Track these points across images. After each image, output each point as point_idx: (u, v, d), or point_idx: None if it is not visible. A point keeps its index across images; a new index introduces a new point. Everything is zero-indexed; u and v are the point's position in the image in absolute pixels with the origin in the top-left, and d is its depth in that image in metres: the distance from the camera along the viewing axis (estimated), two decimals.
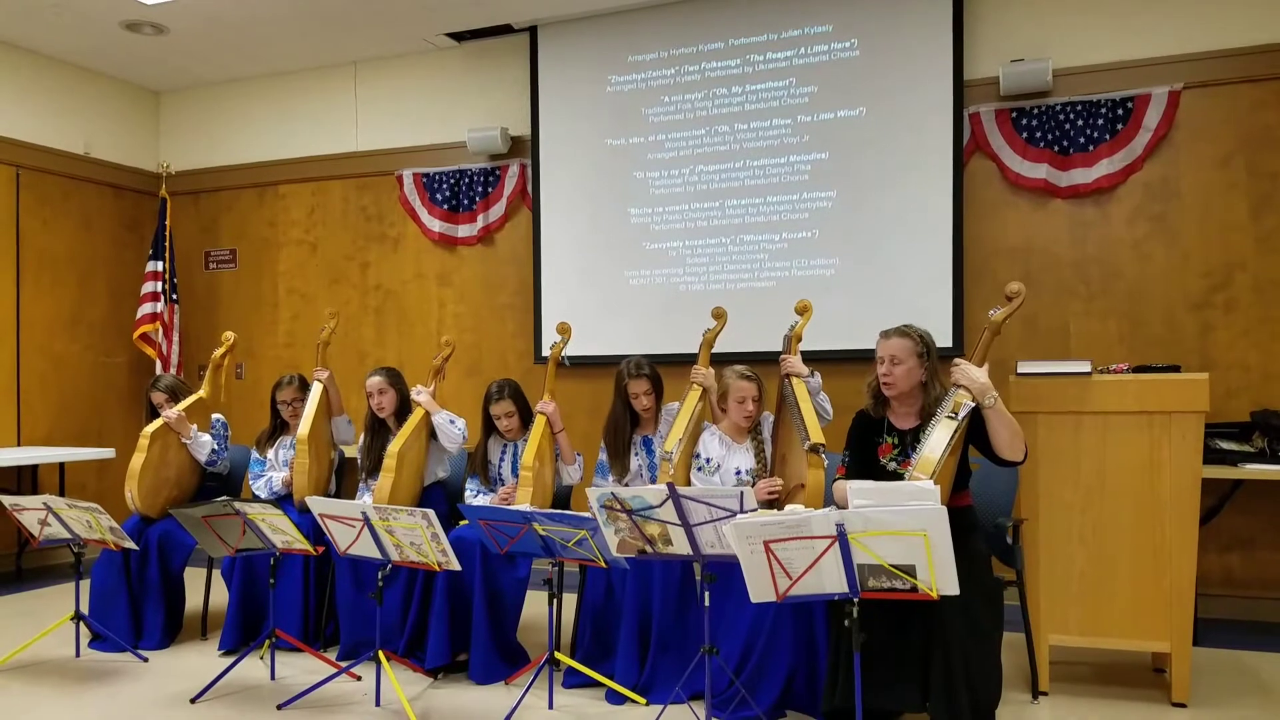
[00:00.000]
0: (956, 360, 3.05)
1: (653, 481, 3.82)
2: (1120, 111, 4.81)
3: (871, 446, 3.16)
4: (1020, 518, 3.55)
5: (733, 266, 5.49)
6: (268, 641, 3.79)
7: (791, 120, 5.38)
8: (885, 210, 5.18)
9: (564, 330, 4.17)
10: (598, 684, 3.52)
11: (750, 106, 5.46)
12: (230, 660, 3.79)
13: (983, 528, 3.32)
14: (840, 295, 5.22)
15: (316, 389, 4.47)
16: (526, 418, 4.14)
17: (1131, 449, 3.37)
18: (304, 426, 4.33)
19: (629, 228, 5.71)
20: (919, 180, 5.10)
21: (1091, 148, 4.86)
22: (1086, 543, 3.42)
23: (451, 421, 4.16)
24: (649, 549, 3.02)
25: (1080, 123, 4.87)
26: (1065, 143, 4.91)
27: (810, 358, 3.73)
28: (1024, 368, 3.50)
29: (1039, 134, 4.95)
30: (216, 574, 4.37)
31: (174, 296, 6.62)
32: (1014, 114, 4.99)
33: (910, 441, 3.08)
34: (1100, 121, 4.83)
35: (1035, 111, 4.95)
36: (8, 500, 3.98)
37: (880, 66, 5.20)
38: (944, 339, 4.97)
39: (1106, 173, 4.84)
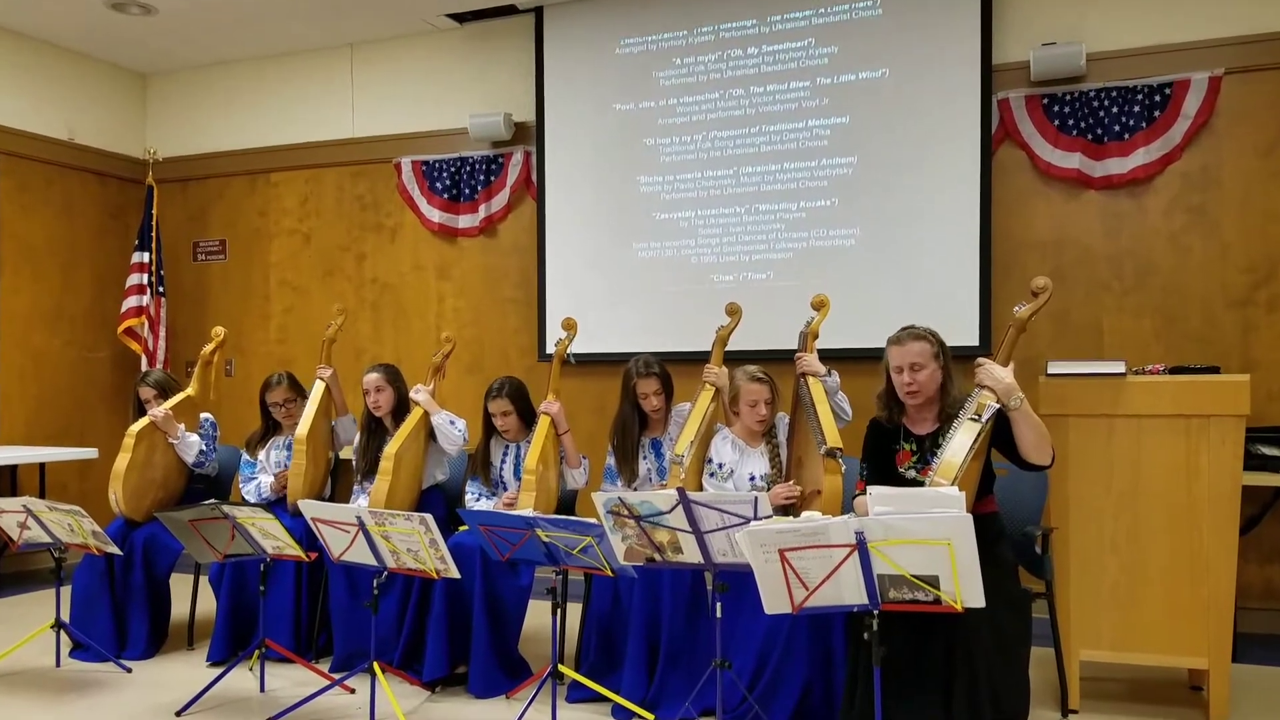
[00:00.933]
0: (980, 359, 3.05)
1: (662, 486, 3.82)
2: (1158, 98, 4.79)
3: (889, 455, 3.16)
4: (1049, 526, 3.55)
5: (748, 237, 5.49)
6: (257, 652, 3.81)
7: (810, 82, 5.37)
8: (908, 179, 5.16)
9: (570, 326, 4.17)
10: (603, 699, 3.52)
11: (767, 68, 5.45)
12: (218, 671, 3.80)
13: (1009, 536, 3.31)
14: (860, 271, 5.21)
15: (319, 387, 4.48)
16: (527, 418, 4.15)
17: (1168, 454, 3.36)
18: (303, 426, 4.34)
19: (638, 198, 5.70)
20: (944, 166, 5.09)
21: (1127, 136, 4.85)
22: (1120, 552, 3.42)
23: (451, 422, 4.17)
24: (658, 557, 3.02)
25: (1115, 110, 4.85)
26: (1099, 131, 4.89)
27: (827, 356, 3.72)
28: (1054, 368, 3.50)
29: (1072, 121, 4.94)
30: (204, 581, 4.39)
31: (160, 289, 6.64)
32: (1045, 100, 4.98)
33: (929, 447, 3.08)
34: (1136, 109, 4.82)
35: (1068, 98, 4.94)
36: None
37: (904, 26, 5.18)
38: (969, 336, 4.97)
39: (1143, 162, 4.82)
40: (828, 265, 5.32)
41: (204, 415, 4.67)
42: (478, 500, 4.13)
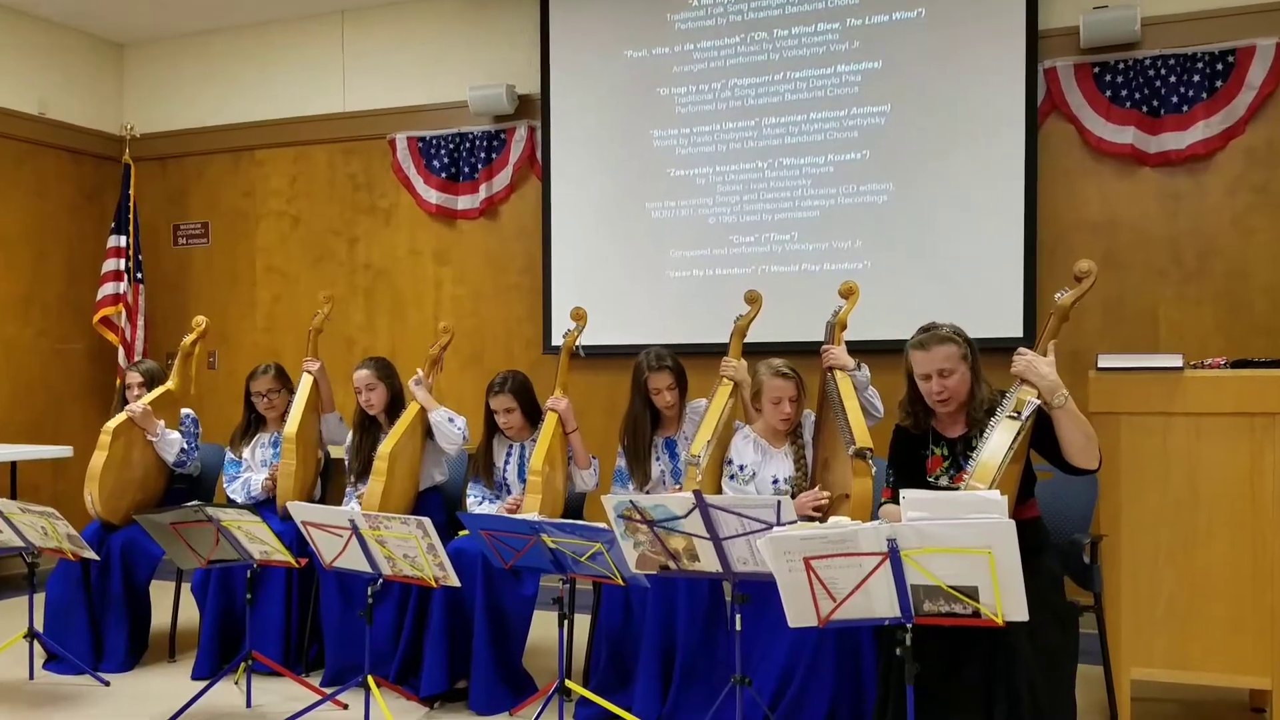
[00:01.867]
0: (1020, 350, 3.02)
1: (677, 489, 3.82)
2: (1219, 66, 4.75)
3: (918, 462, 3.14)
4: (1099, 534, 3.53)
5: (770, 195, 5.48)
6: (244, 665, 3.84)
7: (839, 24, 5.34)
8: (946, 130, 5.13)
9: (579, 316, 4.18)
10: (614, 716, 3.53)
11: (791, 9, 5.43)
12: (202, 685, 3.83)
13: (1055, 544, 3.30)
14: (894, 230, 5.19)
15: (306, 381, 4.50)
16: (532, 416, 4.16)
17: (1229, 455, 3.34)
18: (291, 423, 4.36)
19: (652, 153, 5.68)
20: (985, 142, 5.06)
21: (1186, 108, 4.81)
22: (1176, 562, 3.40)
23: (450, 419, 4.18)
24: (673, 565, 3.02)
25: (1173, 79, 4.82)
26: (1155, 102, 4.86)
27: (856, 348, 3.71)
28: (1105, 361, 3.48)
29: (1125, 92, 4.90)
30: (186, 588, 4.42)
31: (139, 275, 6.68)
32: (1096, 69, 4.94)
33: (962, 451, 3.07)
34: (1196, 78, 4.78)
35: (1121, 66, 4.90)
36: None
37: None
38: (1013, 326, 4.95)
39: (1203, 137, 4.78)
40: (858, 224, 5.30)
41: (185, 411, 4.70)
42: (480, 503, 4.14)
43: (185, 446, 4.57)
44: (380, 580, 3.45)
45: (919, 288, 5.13)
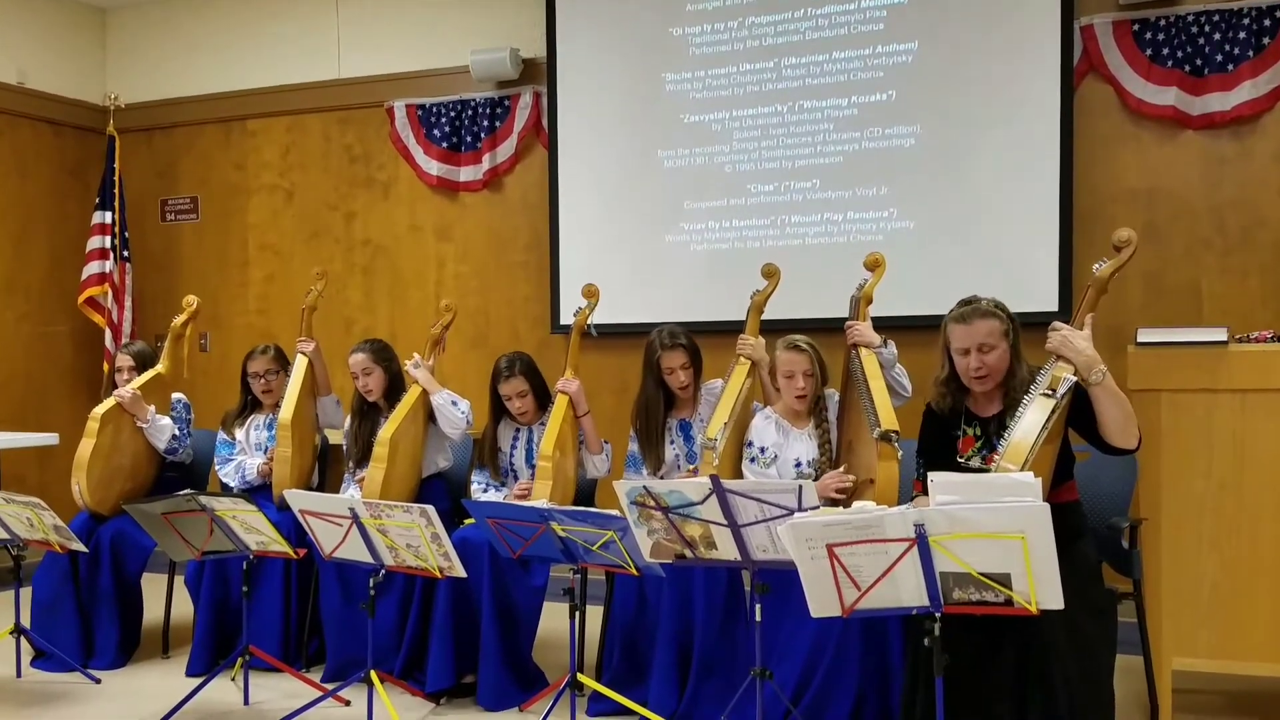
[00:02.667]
0: (1055, 324, 3.01)
1: (693, 473, 3.83)
2: (1267, 22, 4.72)
3: (949, 443, 3.15)
4: (1138, 517, 3.53)
5: (790, 140, 5.47)
6: (240, 660, 3.87)
7: None
8: (978, 67, 5.10)
9: (591, 294, 4.18)
10: (628, 711, 3.56)
11: None
12: (197, 683, 3.86)
13: (1092, 529, 3.30)
14: (922, 178, 5.17)
15: (300, 363, 4.52)
16: (543, 399, 4.17)
17: (1277, 436, 3.33)
18: (286, 408, 4.38)
19: (664, 98, 5.67)
20: (1018, 107, 5.04)
21: (1231, 67, 4.77)
22: (1220, 547, 3.40)
23: (454, 402, 4.20)
24: (689, 554, 3.04)
25: (1218, 36, 4.78)
26: (1199, 61, 4.82)
27: (883, 325, 3.71)
28: (1145, 336, 3.47)
29: (1166, 51, 4.87)
30: (179, 581, 4.46)
31: (125, 254, 6.70)
32: (1136, 26, 4.91)
33: (995, 430, 3.06)
34: (1242, 35, 4.74)
35: (1162, 23, 4.87)
36: None
37: None
38: (1048, 300, 4.93)
39: (1249, 97, 4.75)
40: (883, 170, 5.29)
41: (176, 396, 4.72)
42: (484, 492, 4.16)
43: (177, 433, 4.60)
44: (382, 571, 3.47)
45: (950, 252, 5.13)
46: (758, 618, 2.98)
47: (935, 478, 2.58)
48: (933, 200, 5.20)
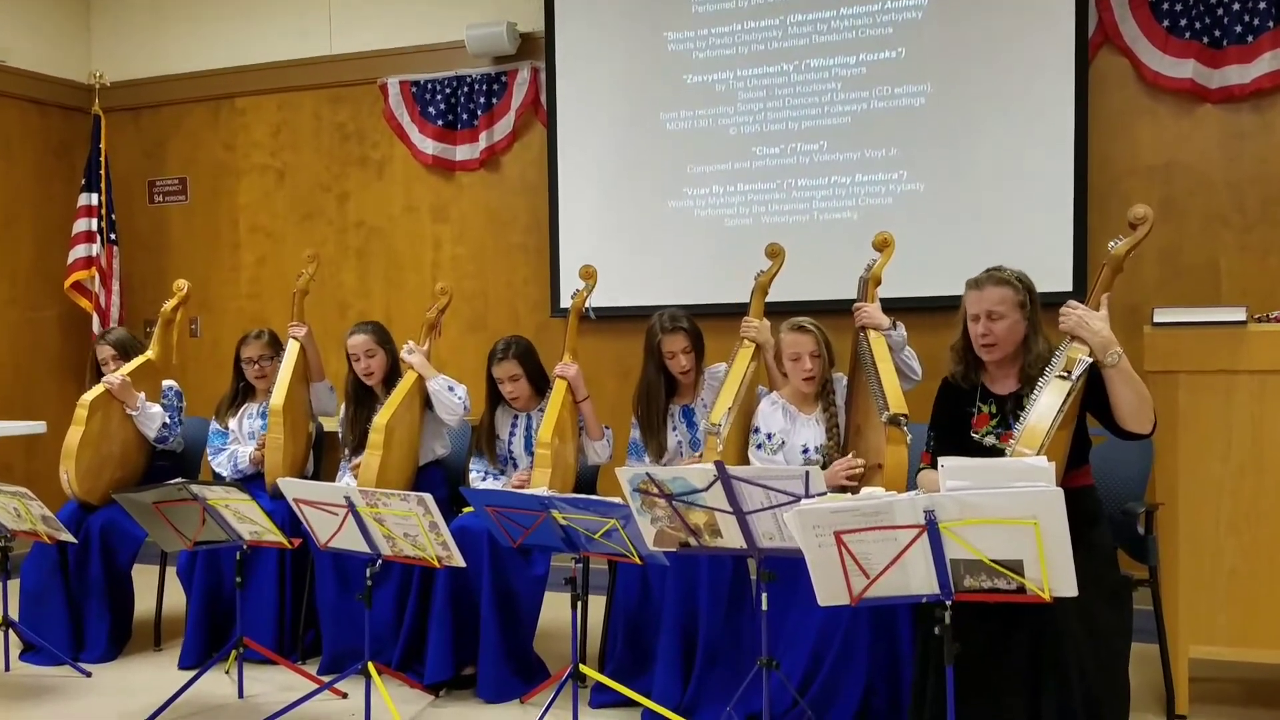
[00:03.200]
0: (1069, 304, 3.01)
1: (697, 459, 3.84)
2: None
3: (963, 419, 3.15)
4: (1154, 502, 3.54)
5: (796, 100, 5.46)
6: (235, 652, 3.88)
7: None
8: (992, 19, 5.08)
9: (589, 275, 4.18)
10: (632, 703, 3.57)
11: None
12: (190, 675, 3.88)
13: (1107, 514, 3.31)
14: (932, 138, 5.17)
15: (292, 348, 4.53)
16: (539, 384, 4.17)
17: None
18: (278, 394, 4.39)
19: (666, 58, 5.66)
20: (1031, 82, 5.02)
21: (1251, 38, 4.75)
22: (1238, 532, 3.40)
23: (450, 388, 4.20)
24: (693, 541, 3.04)
25: (1237, 6, 4.76)
26: (1218, 32, 4.80)
27: (891, 306, 3.71)
28: (1162, 316, 3.47)
29: (1184, 21, 4.85)
30: (171, 572, 4.47)
31: (112, 236, 6.70)
32: None
33: (1011, 409, 3.07)
34: (1263, 4, 4.71)
35: None
36: None
37: None
38: (1062, 280, 4.92)
39: (1269, 70, 4.72)
40: (892, 131, 5.28)
41: (167, 382, 4.73)
42: (483, 479, 4.17)
43: (168, 420, 4.61)
44: (379, 561, 3.48)
45: (960, 229, 5.11)
46: (764, 607, 2.99)
47: (946, 463, 2.59)
48: (944, 164, 5.19)
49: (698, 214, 5.66)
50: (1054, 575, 2.44)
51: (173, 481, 3.73)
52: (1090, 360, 2.92)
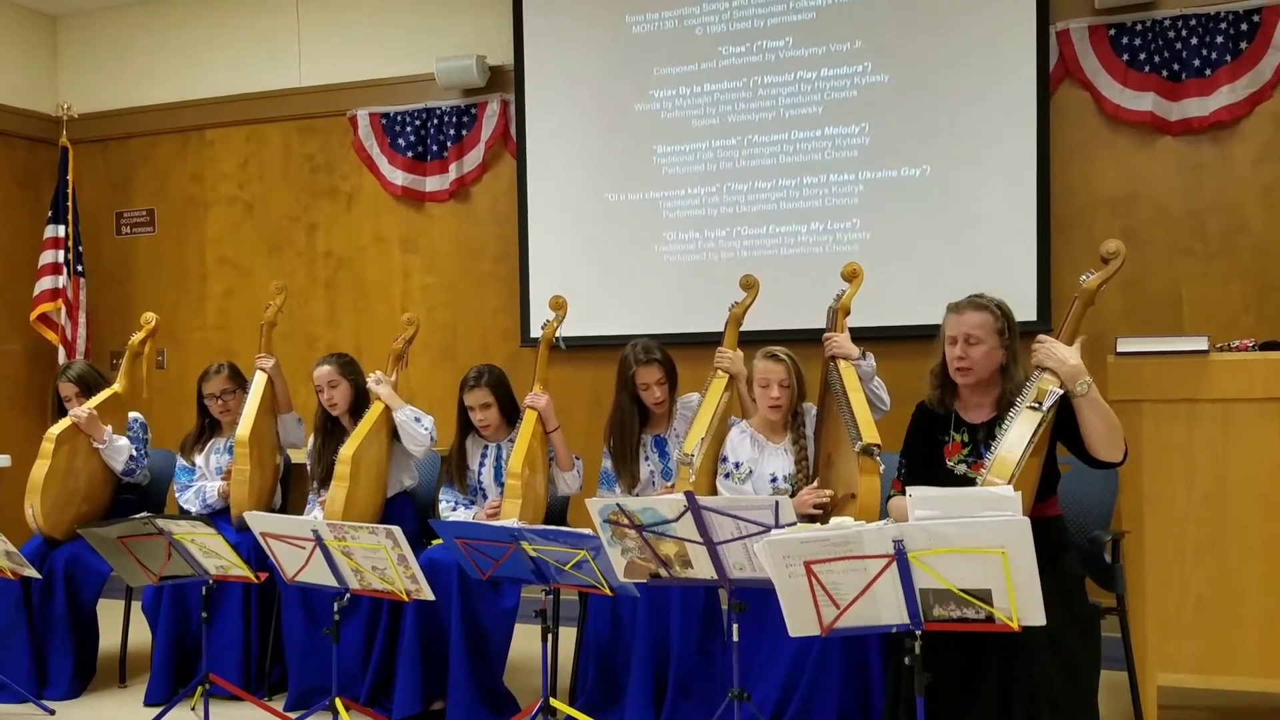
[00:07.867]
0: (1040, 337, 3.05)
1: (668, 490, 3.83)
2: (1244, 26, 4.78)
3: (935, 446, 3.17)
4: (1120, 530, 3.55)
5: (767, 162, 5.52)
6: (200, 688, 3.82)
7: None
8: (950, 99, 5.17)
9: (559, 305, 4.18)
10: None
11: None
12: (155, 712, 3.82)
13: (1075, 543, 3.32)
14: (894, 201, 5.22)
15: (259, 380, 4.50)
16: (509, 413, 4.16)
17: (1261, 444, 3.36)
18: (244, 426, 4.35)
19: (634, 93, 5.72)
20: (993, 114, 5.08)
21: (1208, 71, 4.83)
22: (1204, 560, 3.42)
23: (416, 419, 4.18)
24: (664, 572, 3.03)
25: (1194, 41, 4.84)
26: (1176, 66, 4.88)
27: (861, 336, 3.73)
28: (1125, 345, 3.50)
29: (1143, 56, 4.92)
30: (136, 607, 4.41)
31: (79, 268, 6.65)
32: (1112, 31, 4.97)
33: (984, 438, 3.09)
34: (1219, 39, 4.80)
35: (1138, 28, 4.92)
36: None
37: None
38: (1026, 310, 4.94)
39: (1227, 102, 4.80)
40: (853, 167, 5.36)
41: (133, 415, 4.69)
42: (453, 510, 4.14)
43: (134, 453, 4.56)
44: (347, 595, 3.45)
45: (927, 261, 5.16)
46: (735, 637, 2.98)
47: (914, 492, 2.59)
48: (906, 220, 5.24)
49: (669, 246, 5.67)
50: (1022, 604, 2.44)
51: (138, 516, 3.69)
52: (1061, 391, 2.94)
